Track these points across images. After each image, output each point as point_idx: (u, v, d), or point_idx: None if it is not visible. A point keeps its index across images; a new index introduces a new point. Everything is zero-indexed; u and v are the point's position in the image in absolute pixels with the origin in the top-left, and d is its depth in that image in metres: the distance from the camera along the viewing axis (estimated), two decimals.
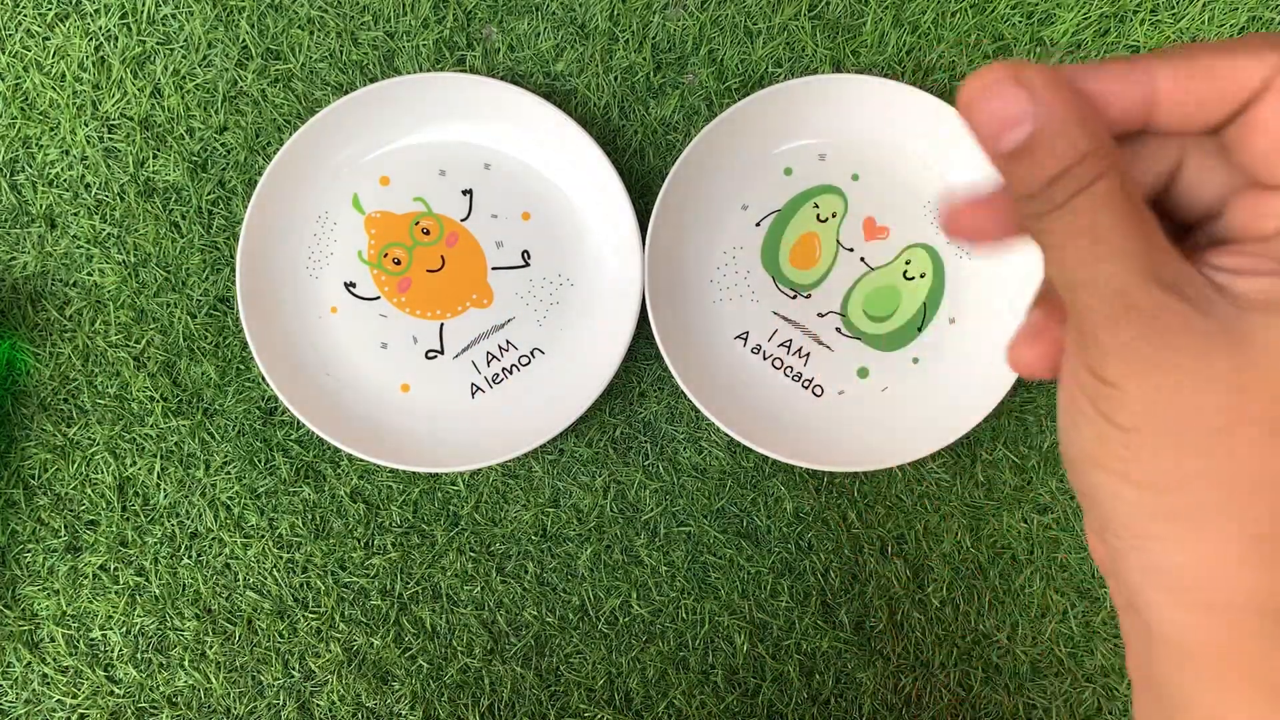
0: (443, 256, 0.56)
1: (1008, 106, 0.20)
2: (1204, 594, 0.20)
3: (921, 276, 0.56)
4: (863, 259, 0.56)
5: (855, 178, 0.56)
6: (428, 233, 0.55)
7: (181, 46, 0.56)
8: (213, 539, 0.57)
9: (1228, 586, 0.20)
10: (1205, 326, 0.19)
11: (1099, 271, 0.20)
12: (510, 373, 0.56)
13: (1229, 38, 0.21)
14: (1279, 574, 0.20)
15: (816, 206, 0.56)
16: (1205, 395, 0.19)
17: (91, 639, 0.57)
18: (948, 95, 0.55)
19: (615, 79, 0.57)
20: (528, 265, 0.56)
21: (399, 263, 0.56)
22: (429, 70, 0.57)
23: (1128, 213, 0.20)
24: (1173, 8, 0.57)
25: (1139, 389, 0.20)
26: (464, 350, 0.56)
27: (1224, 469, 0.20)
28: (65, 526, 0.57)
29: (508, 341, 0.56)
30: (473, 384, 0.56)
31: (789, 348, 0.56)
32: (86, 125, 0.56)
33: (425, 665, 0.57)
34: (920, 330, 0.56)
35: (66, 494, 0.57)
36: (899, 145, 0.56)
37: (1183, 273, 0.20)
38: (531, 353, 0.57)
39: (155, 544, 0.57)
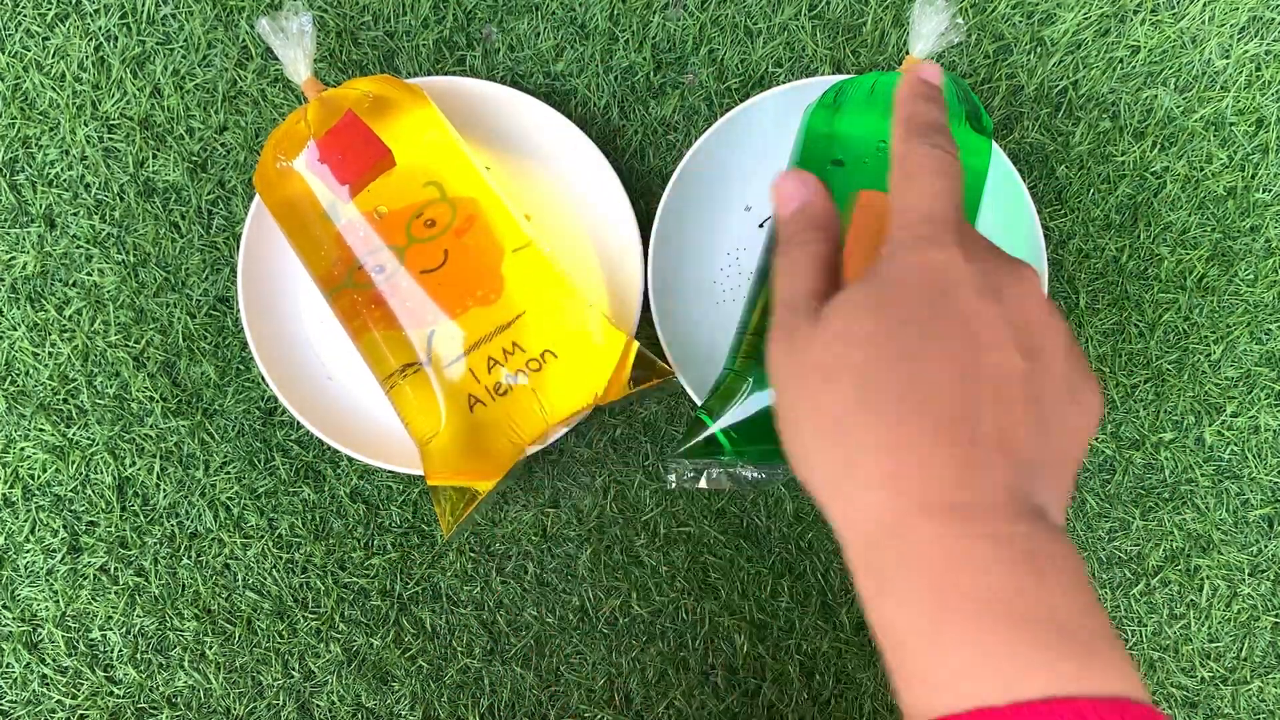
0: (446, 251, 0.55)
1: (791, 187, 0.38)
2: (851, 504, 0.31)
3: None
4: None
5: None
6: (432, 224, 0.54)
7: (181, 46, 0.56)
8: (212, 539, 0.57)
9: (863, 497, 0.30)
10: (813, 327, 0.32)
11: (785, 286, 0.35)
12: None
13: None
14: (900, 469, 0.29)
15: None
16: (800, 362, 0.32)
17: (91, 639, 0.57)
18: None
19: (615, 79, 0.57)
20: None
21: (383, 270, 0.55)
22: (429, 70, 0.57)
23: (819, 264, 0.35)
24: (1173, 8, 0.58)
25: (774, 356, 0.34)
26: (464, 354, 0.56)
27: (811, 408, 0.32)
28: (65, 527, 0.57)
29: (514, 344, 0.56)
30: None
31: None
32: (86, 125, 0.56)
33: (425, 665, 0.57)
34: None
35: (66, 494, 0.57)
36: None
37: (825, 295, 0.33)
38: (542, 356, 0.56)
39: (155, 544, 0.57)
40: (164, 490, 0.57)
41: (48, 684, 0.57)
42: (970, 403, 0.29)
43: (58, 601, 0.57)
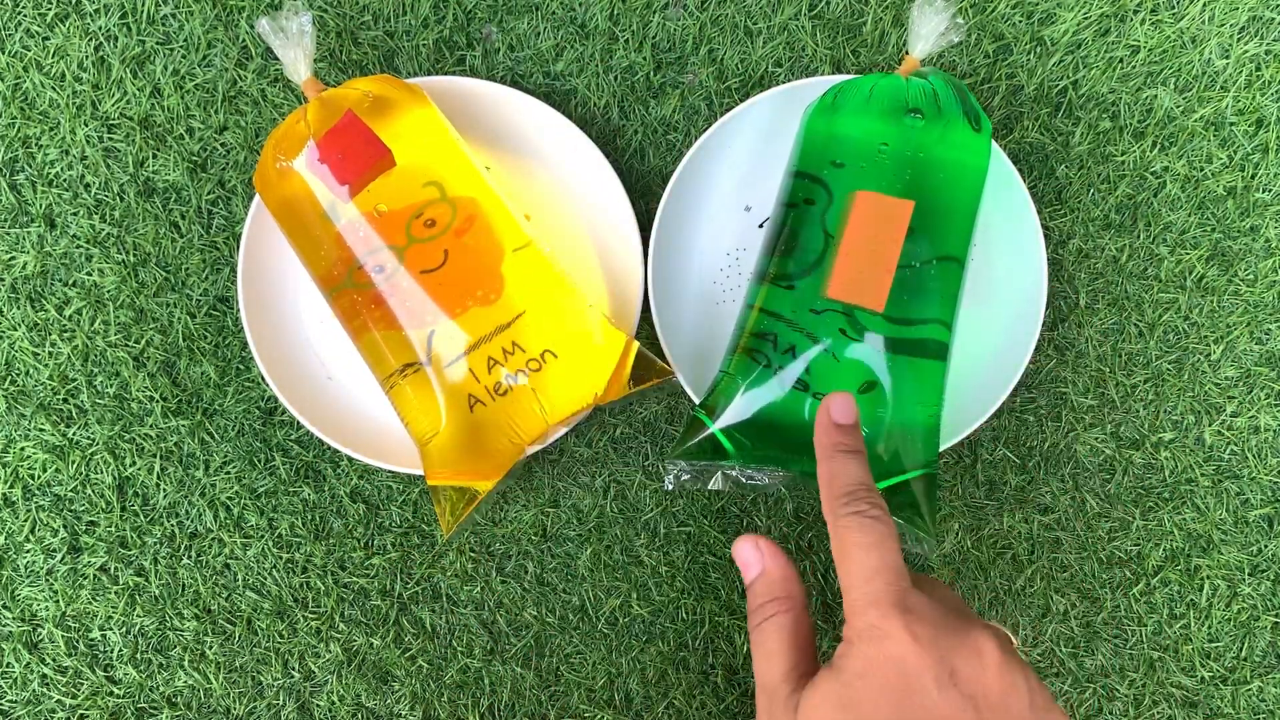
0: (446, 250, 0.55)
1: (749, 555, 0.40)
2: None
3: None
4: None
5: None
6: (432, 224, 0.55)
7: (181, 46, 0.56)
8: (212, 539, 0.57)
9: None
10: (789, 717, 0.35)
11: (760, 670, 0.37)
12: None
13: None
14: None
15: None
16: None
17: (91, 639, 0.57)
18: None
19: (615, 79, 0.57)
20: None
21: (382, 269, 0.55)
22: (429, 70, 0.57)
23: (787, 641, 0.37)
24: (1173, 8, 0.58)
25: None
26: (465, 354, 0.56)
27: None
28: (65, 527, 0.57)
29: (514, 344, 0.56)
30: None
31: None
32: (86, 125, 0.56)
33: (425, 665, 0.57)
34: None
35: (66, 494, 0.57)
36: None
37: (807, 675, 0.36)
38: (542, 356, 0.56)
39: (155, 544, 0.57)
40: (164, 490, 0.57)
41: (48, 684, 0.57)
42: None
43: (58, 601, 0.57)
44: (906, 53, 0.49)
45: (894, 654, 0.33)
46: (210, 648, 0.57)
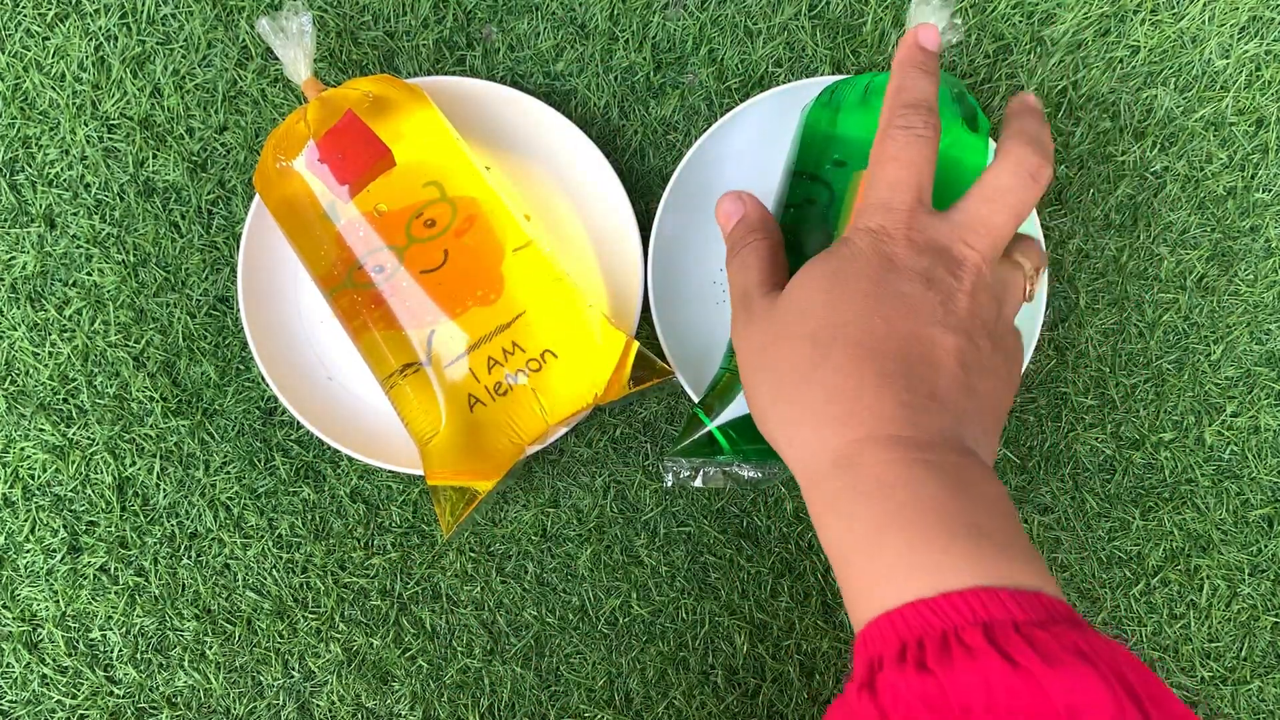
0: (446, 250, 0.55)
1: (731, 205, 0.45)
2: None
3: None
4: None
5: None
6: (432, 224, 0.55)
7: (181, 46, 0.56)
8: (212, 539, 0.57)
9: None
10: (770, 304, 0.39)
11: (737, 281, 0.41)
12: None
13: None
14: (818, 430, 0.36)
15: None
16: (760, 334, 0.38)
17: (91, 639, 0.57)
18: None
19: (615, 79, 0.57)
20: None
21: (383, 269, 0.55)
22: (429, 70, 0.57)
23: (765, 259, 0.41)
24: (1173, 8, 0.58)
25: (738, 338, 0.40)
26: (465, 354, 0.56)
27: (771, 371, 0.37)
28: (65, 527, 0.57)
29: (514, 344, 0.56)
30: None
31: None
32: (86, 125, 0.56)
33: (425, 665, 0.57)
34: None
35: (66, 494, 0.57)
36: None
37: (779, 285, 0.39)
38: (542, 356, 0.56)
39: (155, 544, 0.57)
40: (164, 490, 0.57)
41: (48, 684, 0.57)
42: (910, 364, 0.35)
43: (58, 601, 0.57)
44: None
45: (885, 250, 0.36)
46: (210, 648, 0.57)
